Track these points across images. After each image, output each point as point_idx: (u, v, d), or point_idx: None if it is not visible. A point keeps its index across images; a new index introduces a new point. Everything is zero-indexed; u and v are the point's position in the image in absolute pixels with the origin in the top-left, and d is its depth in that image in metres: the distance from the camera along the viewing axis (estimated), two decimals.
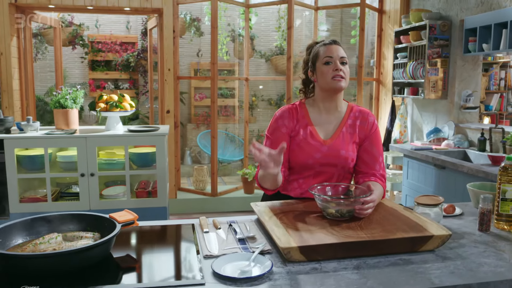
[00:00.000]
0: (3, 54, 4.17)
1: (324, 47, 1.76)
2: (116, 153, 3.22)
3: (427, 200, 1.60)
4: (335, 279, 1.16)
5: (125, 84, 6.84)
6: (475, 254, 1.33)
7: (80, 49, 6.50)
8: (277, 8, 5.71)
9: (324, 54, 1.75)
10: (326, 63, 1.74)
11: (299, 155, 1.74)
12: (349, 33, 6.00)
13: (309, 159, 1.74)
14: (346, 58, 1.76)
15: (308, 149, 1.74)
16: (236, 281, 1.15)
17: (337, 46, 1.76)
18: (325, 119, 1.81)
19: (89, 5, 4.29)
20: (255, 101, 7.04)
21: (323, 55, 1.75)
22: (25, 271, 1.17)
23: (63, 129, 3.23)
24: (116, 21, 6.73)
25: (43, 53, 6.27)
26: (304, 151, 1.74)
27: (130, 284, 1.16)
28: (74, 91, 3.31)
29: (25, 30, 4.49)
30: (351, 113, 1.83)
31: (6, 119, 3.02)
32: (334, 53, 1.74)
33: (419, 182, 3.59)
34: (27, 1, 4.18)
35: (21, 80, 4.44)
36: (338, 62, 1.73)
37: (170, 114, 4.66)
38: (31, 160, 3.06)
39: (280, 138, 1.78)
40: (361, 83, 4.93)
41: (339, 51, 1.75)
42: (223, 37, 5.56)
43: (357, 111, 1.84)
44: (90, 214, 1.43)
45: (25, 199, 3.07)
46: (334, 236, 1.32)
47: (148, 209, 3.16)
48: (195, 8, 6.42)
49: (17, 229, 1.35)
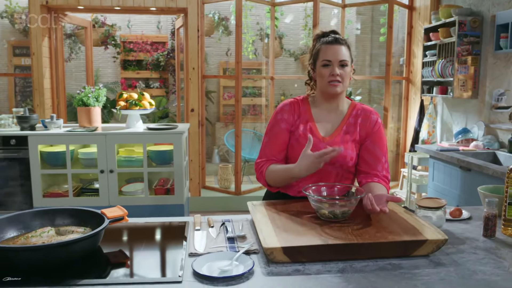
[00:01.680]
0: (35, 54, 4.33)
1: (325, 46, 1.69)
2: (135, 150, 3.28)
3: (430, 203, 1.53)
4: (315, 282, 1.13)
5: (155, 83, 6.96)
6: (472, 261, 1.26)
7: (112, 49, 6.67)
8: (303, 6, 5.65)
9: (323, 55, 1.69)
10: (324, 66, 1.69)
11: (298, 150, 1.70)
12: (379, 30, 5.86)
13: None
14: (346, 61, 1.68)
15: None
16: (213, 280, 1.13)
17: (338, 47, 1.67)
18: (326, 117, 1.76)
19: (116, 5, 4.38)
20: (283, 99, 6.99)
21: (322, 57, 1.69)
22: (12, 263, 1.20)
23: (85, 127, 3.31)
24: (147, 21, 6.86)
25: (77, 53, 6.47)
26: (303, 147, 1.69)
27: (112, 278, 1.17)
28: (97, 89, 3.39)
29: (56, 30, 4.64)
30: (353, 111, 1.78)
31: (31, 116, 3.13)
32: (333, 56, 1.66)
33: (445, 185, 3.46)
34: (58, 2, 4.32)
35: (52, 79, 4.60)
36: (336, 66, 1.66)
37: (194, 112, 4.70)
38: (54, 156, 3.16)
39: (278, 134, 1.76)
40: (389, 82, 4.81)
41: (339, 53, 1.67)
42: (249, 36, 5.56)
43: (360, 109, 1.78)
44: (83, 210, 1.45)
45: (48, 194, 3.17)
46: (321, 238, 1.29)
47: (166, 206, 3.20)
48: (224, 7, 6.45)
49: (12, 222, 1.39)
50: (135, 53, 6.76)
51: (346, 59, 1.68)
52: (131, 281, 1.15)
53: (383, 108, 4.91)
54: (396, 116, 5.63)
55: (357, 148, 1.75)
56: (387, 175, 1.74)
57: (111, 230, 1.54)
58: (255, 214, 1.51)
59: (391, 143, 5.56)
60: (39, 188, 3.11)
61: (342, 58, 1.67)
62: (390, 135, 5.53)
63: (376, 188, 1.63)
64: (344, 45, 1.70)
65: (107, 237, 1.50)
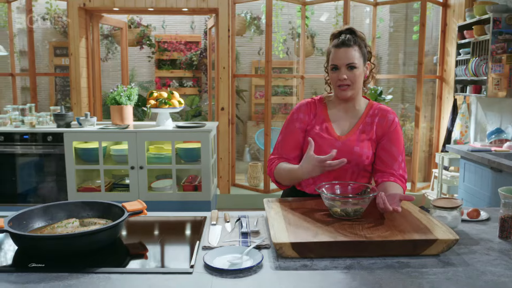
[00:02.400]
0: (73, 55, 4.51)
1: (333, 50, 1.68)
2: (164, 148, 3.37)
3: (445, 203, 1.52)
4: (321, 277, 1.16)
5: (188, 82, 7.09)
6: (483, 261, 1.25)
7: (148, 48, 6.84)
8: (335, 5, 5.63)
9: (331, 60, 1.69)
10: (332, 70, 1.70)
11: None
12: (413, 28, 5.75)
13: (321, 154, 1.71)
14: (354, 63, 1.66)
15: (321, 143, 1.72)
16: (222, 272, 1.18)
17: (346, 49, 1.65)
18: (342, 116, 1.78)
19: (150, 6, 4.51)
20: None
21: (331, 61, 1.70)
22: (38, 251, 1.29)
23: (117, 124, 3.44)
24: (181, 21, 7.00)
25: (113, 53, 6.68)
26: (318, 145, 1.71)
27: (128, 268, 1.23)
28: (129, 88, 3.51)
29: (93, 31, 4.82)
30: (371, 110, 1.78)
31: (66, 114, 3.28)
32: (340, 60, 1.66)
33: (476, 186, 3.38)
34: (94, 4, 4.48)
35: (89, 78, 4.78)
36: (343, 70, 1.66)
37: (224, 111, 4.77)
38: (87, 152, 3.30)
39: (292, 132, 1.78)
40: (421, 81, 4.72)
41: (346, 57, 1.65)
42: (280, 35, 5.58)
43: (377, 109, 1.79)
44: (106, 203, 1.53)
45: (82, 189, 3.32)
46: (330, 235, 1.31)
47: (193, 202, 3.28)
48: (256, 7, 6.49)
49: (41, 213, 1.49)
50: (169, 52, 6.91)
51: (353, 61, 1.66)
52: (145, 270, 1.21)
53: (415, 107, 4.82)
54: (429, 116, 5.52)
55: (374, 147, 1.76)
56: (404, 174, 1.74)
57: (133, 223, 1.63)
58: (269, 211, 1.55)
59: (424, 143, 5.45)
60: (74, 183, 3.26)
61: (349, 61, 1.65)
62: (423, 134, 5.43)
63: (391, 187, 1.63)
64: (353, 46, 1.66)
65: (129, 229, 1.58)
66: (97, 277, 1.16)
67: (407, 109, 6.03)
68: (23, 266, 1.22)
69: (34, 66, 4.64)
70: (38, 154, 3.26)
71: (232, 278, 1.15)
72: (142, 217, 1.69)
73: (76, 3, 4.44)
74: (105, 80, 6.76)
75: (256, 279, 1.15)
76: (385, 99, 4.58)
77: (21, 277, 1.16)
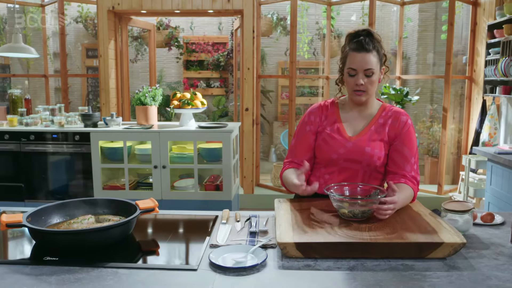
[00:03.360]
0: (102, 56, 4.65)
1: (351, 53, 1.67)
2: (186, 147, 3.44)
3: (457, 206, 1.50)
4: (322, 278, 1.17)
5: (216, 83, 7.17)
6: (490, 266, 1.23)
7: (176, 50, 6.96)
8: (361, 5, 5.57)
9: (349, 63, 1.69)
10: (350, 74, 1.69)
11: (324, 149, 1.75)
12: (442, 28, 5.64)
13: (333, 154, 1.73)
14: (372, 69, 1.66)
15: (332, 143, 1.74)
16: (225, 270, 1.21)
17: (364, 54, 1.64)
18: (355, 117, 1.79)
19: (176, 9, 4.59)
20: None
21: (348, 64, 1.69)
22: (54, 245, 1.35)
23: (142, 124, 3.52)
24: (209, 22, 7.09)
25: (143, 54, 6.83)
26: (329, 146, 1.74)
27: (136, 263, 1.28)
28: (154, 89, 3.59)
29: (122, 33, 4.95)
30: (384, 112, 1.78)
31: (93, 114, 3.39)
32: (358, 64, 1.65)
33: (503, 189, 3.29)
34: (123, 7, 4.60)
35: (117, 79, 4.91)
36: (360, 76, 1.67)
37: (248, 111, 4.81)
38: (113, 151, 3.40)
39: (304, 136, 1.81)
40: (448, 82, 4.62)
41: (365, 62, 1.65)
42: (305, 35, 5.58)
43: (390, 111, 1.78)
44: (120, 200, 1.59)
45: (107, 187, 3.42)
46: (335, 236, 1.32)
47: (214, 201, 3.33)
48: (282, 8, 6.51)
49: (59, 210, 1.55)
50: (197, 53, 7.01)
51: (371, 67, 1.66)
52: (151, 266, 1.25)
53: (442, 108, 4.73)
54: (458, 117, 5.40)
55: (386, 148, 1.75)
56: (416, 176, 1.72)
57: (147, 221, 1.68)
58: (279, 211, 1.57)
59: (452, 145, 5.34)
60: (99, 181, 3.36)
61: (368, 67, 1.65)
62: (451, 136, 5.32)
63: (401, 188, 1.62)
64: (371, 51, 1.66)
65: (143, 226, 1.64)
66: (106, 271, 1.21)
67: (435, 110, 5.91)
68: (38, 259, 1.28)
69: (65, 67, 4.81)
70: (66, 153, 3.39)
71: (235, 276, 1.18)
72: (156, 215, 1.75)
73: (105, 6, 4.57)
74: (135, 80, 6.93)
75: (258, 278, 1.17)
76: (411, 100, 4.51)
77: (35, 269, 1.22)
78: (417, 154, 1.76)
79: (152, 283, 1.15)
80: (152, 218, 1.72)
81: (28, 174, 3.44)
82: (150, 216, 1.72)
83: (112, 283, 1.14)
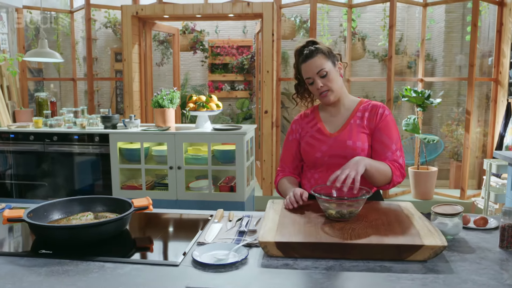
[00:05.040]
0: (126, 60, 4.79)
1: (302, 65, 1.78)
2: (201, 149, 3.51)
3: (446, 209, 1.49)
4: (297, 276, 1.19)
5: (240, 86, 7.25)
6: (469, 270, 1.22)
7: (201, 53, 7.08)
8: (382, 7, 5.51)
9: (304, 75, 1.80)
10: (310, 84, 1.80)
11: (308, 151, 1.84)
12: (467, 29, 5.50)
13: (316, 153, 1.81)
14: (324, 69, 1.75)
15: (314, 143, 1.82)
16: (205, 267, 1.25)
17: (311, 61, 1.75)
18: (333, 115, 1.87)
19: (197, 13, 4.69)
20: None
21: (304, 76, 1.81)
22: (49, 239, 1.44)
23: (160, 126, 3.62)
24: (234, 26, 7.17)
25: (168, 58, 6.98)
26: (311, 146, 1.82)
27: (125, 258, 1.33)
28: (171, 92, 3.68)
29: (146, 38, 5.09)
30: (361, 106, 1.85)
31: (112, 116, 3.51)
32: (310, 72, 1.77)
33: None
34: (146, 12, 4.74)
35: (141, 83, 5.05)
36: (317, 80, 1.77)
37: (268, 114, 4.85)
38: (131, 152, 3.51)
39: (289, 146, 1.94)
40: (472, 84, 4.52)
41: (314, 66, 1.75)
42: (325, 38, 5.57)
43: (368, 105, 1.85)
44: (118, 199, 1.66)
45: (125, 187, 3.53)
46: (316, 236, 1.34)
47: (227, 202, 3.38)
48: (305, 11, 6.51)
49: (60, 206, 1.64)
50: (222, 57, 7.11)
51: (322, 67, 1.75)
52: (136, 261, 1.31)
53: (465, 111, 4.62)
54: (484, 120, 5.26)
55: (369, 140, 1.80)
56: (397, 159, 1.77)
57: (145, 218, 1.75)
58: (269, 211, 1.60)
59: (478, 149, 5.20)
60: (118, 181, 3.48)
61: (318, 69, 1.75)
62: (476, 139, 5.19)
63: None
64: (316, 55, 1.75)
65: (140, 224, 1.71)
66: (93, 264, 1.28)
67: (461, 113, 5.78)
68: (34, 252, 1.37)
69: (91, 71, 4.98)
70: (87, 153, 3.52)
71: (213, 272, 1.22)
72: (156, 213, 1.82)
73: (129, 11, 4.72)
74: (161, 83, 7.08)
75: (234, 275, 1.21)
76: (432, 103, 4.44)
77: (30, 261, 1.30)
78: (399, 142, 1.81)
79: (133, 276, 1.20)
80: (151, 216, 1.79)
81: (51, 173, 3.60)
82: (148, 214, 1.79)
83: (96, 276, 1.21)
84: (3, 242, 1.50)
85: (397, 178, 1.76)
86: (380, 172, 1.70)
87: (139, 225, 1.71)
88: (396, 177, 1.75)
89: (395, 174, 1.74)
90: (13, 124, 3.73)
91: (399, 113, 6.72)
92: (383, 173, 1.71)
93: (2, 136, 3.64)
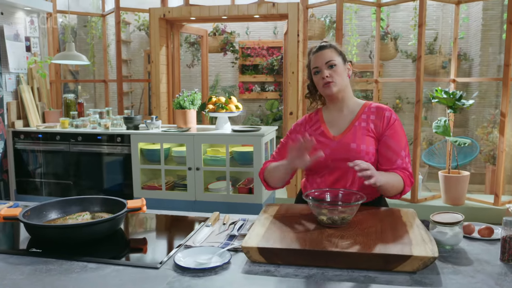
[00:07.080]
0: (154, 62, 4.87)
1: (313, 56, 1.79)
2: (220, 150, 3.51)
3: (446, 218, 1.41)
4: (275, 284, 1.16)
5: (270, 87, 7.22)
6: (460, 284, 1.15)
7: (231, 54, 7.11)
8: (413, 5, 5.33)
9: (312, 64, 1.79)
10: (315, 73, 1.77)
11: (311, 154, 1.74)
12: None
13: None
14: (333, 61, 1.73)
15: (318, 146, 1.74)
16: (184, 270, 1.24)
17: (323, 51, 1.75)
18: (337, 118, 1.81)
19: (223, 15, 4.70)
20: (398, 103, 6.69)
21: (312, 66, 1.79)
22: (41, 238, 1.47)
23: (181, 127, 3.65)
24: (264, 27, 7.16)
25: (199, 59, 7.05)
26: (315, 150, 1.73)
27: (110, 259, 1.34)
28: (193, 93, 3.71)
29: (173, 39, 5.16)
30: (366, 108, 1.79)
31: (134, 117, 3.57)
32: (319, 61, 1.75)
33: None
34: (173, 15, 4.80)
35: (169, 84, 5.12)
36: (324, 69, 1.74)
37: (293, 115, 4.80)
38: (151, 153, 3.56)
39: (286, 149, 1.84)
40: (507, 84, 4.29)
41: (325, 56, 1.74)
42: (353, 38, 5.46)
43: (373, 107, 1.78)
44: (114, 199, 1.68)
45: (146, 187, 3.58)
46: (300, 242, 1.30)
47: (245, 204, 3.36)
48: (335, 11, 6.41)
49: (58, 206, 1.67)
50: (252, 58, 7.11)
51: (332, 59, 1.74)
52: (117, 262, 1.31)
53: (500, 113, 4.40)
54: None
55: (375, 144, 1.74)
56: (407, 167, 1.72)
57: (140, 219, 1.76)
58: (261, 215, 1.57)
59: None
60: (139, 181, 3.54)
61: (327, 60, 1.73)
62: (510, 142, 4.93)
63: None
64: (328, 48, 1.76)
65: (136, 225, 1.72)
66: (77, 264, 1.29)
67: (497, 115, 5.51)
68: (25, 251, 1.40)
69: (121, 73, 5.09)
70: (109, 153, 3.60)
71: (191, 276, 1.20)
72: (155, 214, 1.83)
73: (157, 14, 4.79)
74: (193, 84, 7.15)
75: (212, 280, 1.18)
76: (464, 104, 4.26)
77: (18, 259, 1.33)
78: (407, 147, 1.76)
79: (112, 277, 1.21)
80: (147, 217, 1.80)
81: (75, 172, 3.70)
82: (145, 215, 1.80)
83: (76, 276, 1.22)
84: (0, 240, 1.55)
85: (407, 188, 1.71)
86: (394, 186, 1.67)
87: (134, 226, 1.72)
88: (407, 187, 1.71)
89: (407, 184, 1.70)
90: (42, 125, 3.86)
91: (432, 115, 6.50)
92: (396, 186, 1.68)
93: (31, 136, 3.78)
